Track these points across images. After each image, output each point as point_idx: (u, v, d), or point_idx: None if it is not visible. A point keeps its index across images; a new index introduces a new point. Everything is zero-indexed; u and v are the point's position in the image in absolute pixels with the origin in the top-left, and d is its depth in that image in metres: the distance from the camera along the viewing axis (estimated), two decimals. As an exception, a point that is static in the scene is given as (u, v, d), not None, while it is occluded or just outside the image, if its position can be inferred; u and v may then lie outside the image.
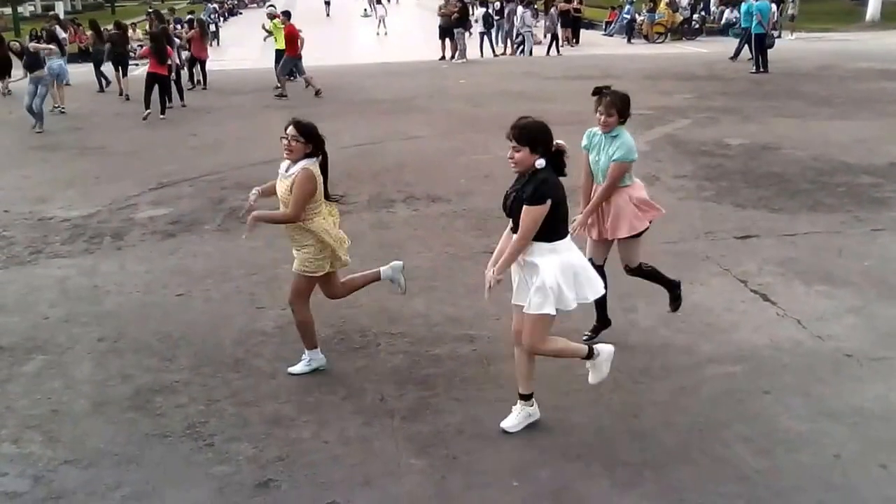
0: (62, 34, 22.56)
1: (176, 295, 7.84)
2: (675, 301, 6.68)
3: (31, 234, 9.83)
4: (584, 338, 6.53)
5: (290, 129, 5.72)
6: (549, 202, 4.88)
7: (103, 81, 22.78)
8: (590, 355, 5.37)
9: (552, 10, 30.02)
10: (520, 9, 29.00)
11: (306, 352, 6.21)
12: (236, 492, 4.83)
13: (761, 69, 21.95)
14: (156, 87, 17.53)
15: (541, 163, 4.92)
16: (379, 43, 36.44)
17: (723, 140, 13.76)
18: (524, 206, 4.93)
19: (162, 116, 17.35)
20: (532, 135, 4.93)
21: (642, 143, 13.54)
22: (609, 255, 6.51)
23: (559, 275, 4.97)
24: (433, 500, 4.72)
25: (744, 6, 24.81)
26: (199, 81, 21.93)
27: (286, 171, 5.80)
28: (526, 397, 5.37)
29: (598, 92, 6.16)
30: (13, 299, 7.88)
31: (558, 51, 29.21)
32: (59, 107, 18.61)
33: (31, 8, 52.99)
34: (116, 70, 21.40)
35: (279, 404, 5.77)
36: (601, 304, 6.53)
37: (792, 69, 22.19)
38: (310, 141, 5.75)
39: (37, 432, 5.52)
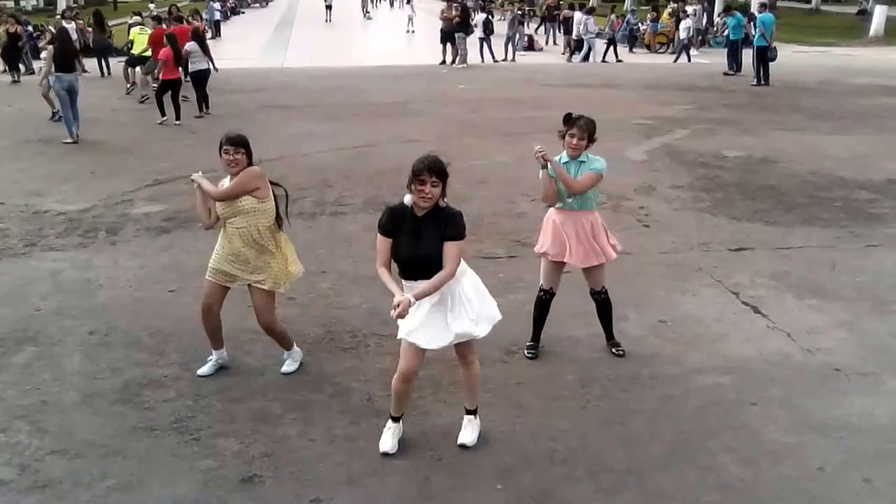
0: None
1: (168, 291, 7.87)
2: (616, 347, 6.61)
3: (26, 227, 9.85)
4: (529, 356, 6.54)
5: (228, 146, 5.81)
6: None
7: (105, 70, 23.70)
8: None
9: (611, 15, 29.78)
10: (578, 14, 28.96)
11: (286, 353, 6.28)
12: (220, 486, 4.86)
13: (762, 82, 21.97)
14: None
15: (444, 199, 4.93)
16: (407, 42, 37.00)
17: (720, 152, 13.76)
18: (451, 244, 4.85)
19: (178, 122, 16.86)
20: (445, 171, 4.85)
21: (640, 153, 13.61)
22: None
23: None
24: (416, 501, 4.75)
25: (731, 19, 24.73)
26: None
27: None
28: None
29: (569, 118, 6.14)
30: (6, 290, 7.90)
31: (616, 56, 29.05)
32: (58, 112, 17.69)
33: (34, 2, 52.86)
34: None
35: (266, 401, 5.80)
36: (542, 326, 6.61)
37: (793, 83, 22.20)
38: (248, 151, 5.87)
39: (25, 422, 5.55)
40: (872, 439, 5.33)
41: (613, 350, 6.53)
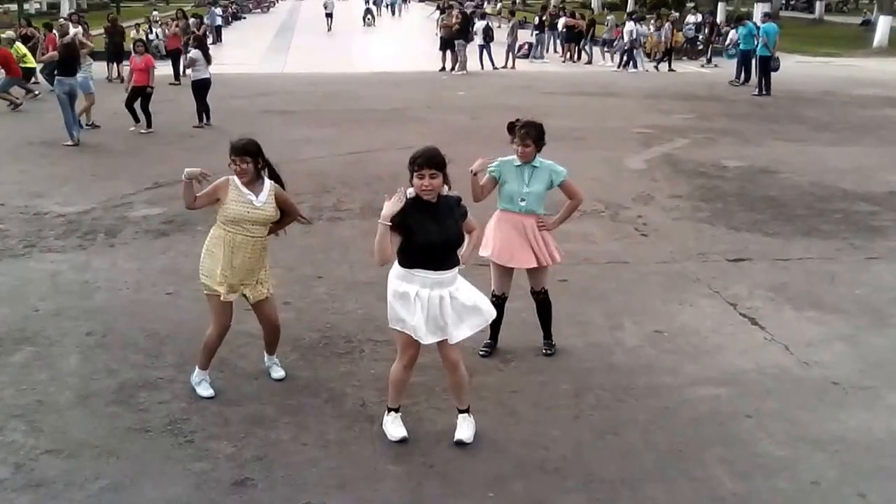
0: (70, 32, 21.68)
1: (165, 293, 7.87)
2: (549, 347, 6.70)
3: (26, 228, 9.85)
4: (482, 353, 6.57)
5: (234, 155, 5.71)
6: None
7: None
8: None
9: (666, 25, 29.65)
10: (630, 23, 28.96)
11: (268, 357, 6.30)
12: (213, 488, 4.86)
13: (764, 92, 21.95)
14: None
15: (446, 188, 5.16)
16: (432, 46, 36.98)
17: (720, 161, 13.75)
18: (469, 219, 5.37)
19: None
20: (443, 161, 5.08)
21: (639, 162, 13.61)
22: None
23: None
24: (408, 507, 4.74)
25: (743, 29, 24.72)
26: None
27: (257, 200, 5.75)
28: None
29: (512, 127, 6.35)
30: (5, 291, 7.90)
31: (670, 66, 28.93)
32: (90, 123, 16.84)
33: (37, 5, 52.83)
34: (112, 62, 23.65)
35: (260, 405, 5.79)
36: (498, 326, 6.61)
37: (795, 93, 22.19)
38: (256, 158, 5.75)
39: (21, 421, 5.55)
40: (869, 454, 5.31)
41: (545, 350, 6.61)
